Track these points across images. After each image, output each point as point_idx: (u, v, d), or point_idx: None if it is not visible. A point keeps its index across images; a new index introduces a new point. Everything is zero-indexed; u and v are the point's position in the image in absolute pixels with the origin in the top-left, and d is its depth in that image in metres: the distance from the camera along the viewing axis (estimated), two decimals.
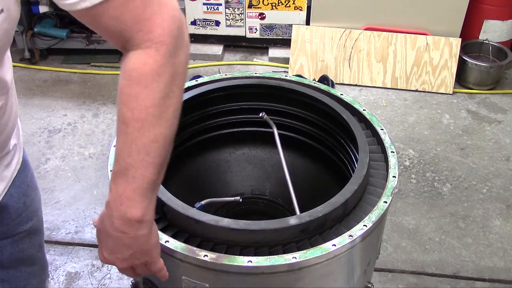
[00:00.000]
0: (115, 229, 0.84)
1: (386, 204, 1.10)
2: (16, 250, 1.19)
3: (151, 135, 0.80)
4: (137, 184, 0.81)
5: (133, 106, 0.79)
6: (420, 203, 2.53)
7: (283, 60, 3.54)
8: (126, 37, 0.80)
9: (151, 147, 0.81)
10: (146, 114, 0.79)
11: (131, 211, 0.82)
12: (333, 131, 1.38)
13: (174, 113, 0.83)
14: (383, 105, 3.20)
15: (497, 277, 2.18)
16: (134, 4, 0.77)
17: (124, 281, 2.14)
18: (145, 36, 0.79)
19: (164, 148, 0.83)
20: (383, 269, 2.19)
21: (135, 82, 0.79)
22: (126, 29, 0.79)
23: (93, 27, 0.82)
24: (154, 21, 0.79)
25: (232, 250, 1.01)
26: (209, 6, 3.48)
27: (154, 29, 0.79)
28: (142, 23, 0.79)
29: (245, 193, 1.53)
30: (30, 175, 1.22)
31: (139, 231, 0.85)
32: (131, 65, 0.80)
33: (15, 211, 1.14)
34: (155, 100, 0.79)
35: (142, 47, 0.79)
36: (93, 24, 0.81)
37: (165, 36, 0.79)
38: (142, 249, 0.88)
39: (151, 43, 0.79)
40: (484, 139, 2.95)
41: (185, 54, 0.84)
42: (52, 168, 2.71)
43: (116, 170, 0.83)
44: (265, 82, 1.43)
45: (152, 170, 0.82)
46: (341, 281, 1.11)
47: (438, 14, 3.27)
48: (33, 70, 3.48)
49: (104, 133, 2.96)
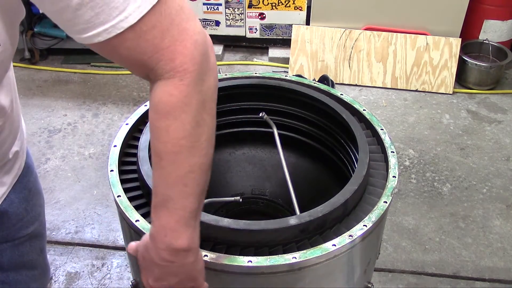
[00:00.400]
0: (161, 259, 0.84)
1: (386, 204, 1.10)
2: (16, 253, 1.18)
3: (186, 166, 0.79)
4: (179, 215, 0.81)
5: (165, 139, 0.78)
6: (420, 203, 2.53)
7: (283, 60, 3.54)
8: (148, 68, 0.77)
9: (188, 178, 0.80)
10: (179, 147, 0.78)
11: (176, 242, 0.82)
12: (333, 131, 1.38)
13: (208, 140, 0.81)
14: (383, 105, 3.20)
15: (497, 277, 2.18)
16: (153, 33, 0.73)
17: (124, 281, 2.14)
18: (166, 65, 0.75)
19: (201, 177, 0.81)
20: (383, 269, 2.19)
21: (164, 116, 0.77)
22: (146, 60, 0.75)
23: (114, 59, 0.78)
24: (175, 49, 0.75)
25: (232, 250, 1.01)
26: (209, 6, 3.48)
27: (175, 57, 0.75)
28: (162, 52, 0.74)
29: (245, 193, 1.53)
30: (33, 179, 1.20)
31: (186, 259, 0.85)
32: (157, 98, 0.77)
33: (15, 216, 1.13)
34: (186, 131, 0.77)
35: (165, 77, 0.76)
36: (112, 55, 0.77)
37: (187, 63, 0.75)
38: (189, 276, 0.88)
39: (174, 72, 0.75)
40: (484, 139, 2.95)
41: (213, 78, 0.80)
42: (52, 168, 2.72)
43: (156, 203, 0.82)
44: (265, 82, 1.43)
45: (192, 200, 0.81)
46: (341, 281, 1.11)
47: (438, 14, 3.27)
48: (33, 70, 3.48)
49: (104, 133, 2.96)
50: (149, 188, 1.08)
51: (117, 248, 2.29)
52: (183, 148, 0.78)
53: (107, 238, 2.33)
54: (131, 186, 1.16)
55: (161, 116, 0.77)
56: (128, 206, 1.08)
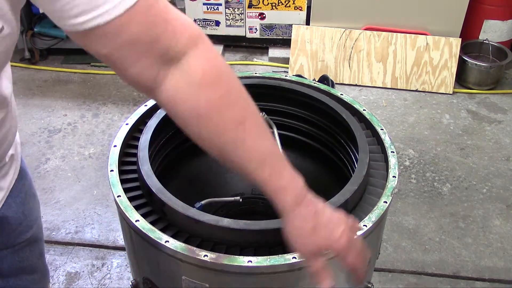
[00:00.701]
0: (309, 204, 0.84)
1: (386, 204, 1.10)
2: (16, 259, 1.18)
3: (260, 120, 0.80)
4: (282, 164, 0.83)
5: (240, 103, 0.77)
6: (420, 203, 2.53)
7: (283, 60, 3.53)
8: (163, 46, 0.70)
9: (265, 128, 0.81)
10: (252, 105, 0.78)
11: (300, 180, 0.85)
12: (333, 131, 1.38)
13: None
14: (383, 105, 3.20)
15: (497, 277, 2.18)
16: (158, 7, 0.70)
17: (124, 281, 2.14)
18: (183, 36, 0.72)
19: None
20: (383, 269, 2.19)
21: (220, 81, 0.75)
22: (159, 34, 0.70)
23: (113, 45, 0.69)
24: (181, 21, 0.72)
25: (232, 250, 1.01)
26: (209, 6, 3.48)
27: (187, 25, 0.72)
28: (172, 23, 0.71)
29: (245, 193, 1.53)
30: (28, 183, 1.18)
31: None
32: (198, 71, 0.72)
33: (14, 221, 1.12)
34: (241, 87, 0.79)
35: (190, 47, 0.72)
36: (114, 41, 0.68)
37: (198, 29, 0.74)
38: (331, 212, 0.87)
39: (194, 40, 0.72)
40: (484, 139, 2.95)
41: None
42: (52, 168, 2.72)
43: (268, 173, 0.82)
44: (265, 82, 1.43)
45: (273, 143, 0.83)
46: (341, 281, 1.11)
47: (438, 14, 3.27)
48: (33, 70, 3.48)
49: (104, 133, 2.96)
50: (149, 188, 1.08)
51: (117, 248, 2.29)
52: (253, 105, 0.79)
53: (107, 238, 2.33)
54: (131, 186, 1.16)
55: (219, 83, 0.75)
56: (128, 206, 1.08)
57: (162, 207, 1.07)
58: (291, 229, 0.86)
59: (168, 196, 1.06)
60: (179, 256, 0.99)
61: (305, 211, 0.84)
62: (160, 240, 1.00)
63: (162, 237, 1.00)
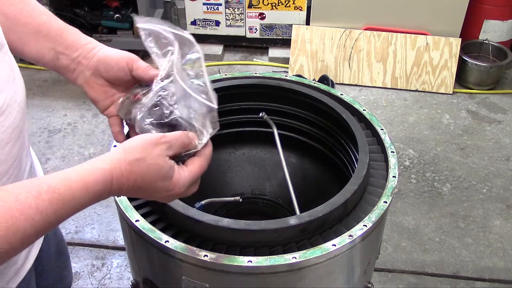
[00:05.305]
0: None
1: (386, 204, 1.10)
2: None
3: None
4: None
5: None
6: (420, 203, 2.53)
7: (283, 60, 3.54)
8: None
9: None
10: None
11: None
12: (333, 131, 1.38)
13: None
14: (383, 105, 3.20)
15: (497, 277, 2.18)
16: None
17: (124, 281, 2.14)
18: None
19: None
20: (383, 269, 2.19)
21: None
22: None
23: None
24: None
25: (232, 250, 1.01)
26: (209, 6, 3.48)
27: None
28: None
29: (245, 193, 1.53)
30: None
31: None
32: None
33: None
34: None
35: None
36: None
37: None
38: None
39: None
40: (484, 139, 2.95)
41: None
42: (52, 168, 2.71)
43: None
44: (265, 82, 1.43)
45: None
46: (341, 281, 1.11)
47: (438, 14, 3.27)
48: (33, 70, 3.48)
49: (104, 133, 2.96)
50: None
51: (117, 248, 2.29)
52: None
53: (107, 238, 2.33)
54: None
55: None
56: (128, 206, 1.08)
57: (162, 207, 1.07)
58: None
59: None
60: (179, 256, 0.99)
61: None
62: (160, 240, 1.00)
63: (162, 237, 1.00)
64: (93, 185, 0.71)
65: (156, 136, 0.79)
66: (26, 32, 0.87)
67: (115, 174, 0.73)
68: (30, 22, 0.87)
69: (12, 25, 0.87)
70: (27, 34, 0.87)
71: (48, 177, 0.69)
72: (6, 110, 0.77)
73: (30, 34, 0.88)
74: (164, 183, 0.79)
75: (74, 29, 0.92)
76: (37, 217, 0.64)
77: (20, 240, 0.63)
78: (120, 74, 0.89)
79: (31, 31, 0.87)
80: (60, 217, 0.68)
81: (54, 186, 0.67)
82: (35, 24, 0.88)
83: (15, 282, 0.91)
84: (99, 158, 0.75)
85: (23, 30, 0.87)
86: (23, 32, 0.87)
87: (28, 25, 0.87)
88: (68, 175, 0.70)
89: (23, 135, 0.85)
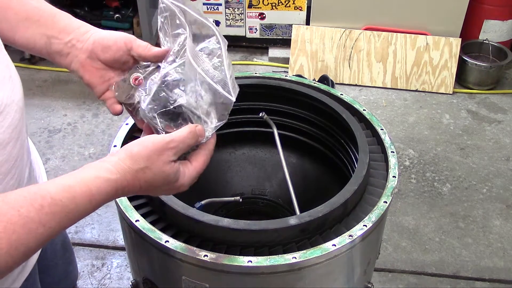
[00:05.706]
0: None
1: (386, 204, 1.10)
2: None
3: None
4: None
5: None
6: (420, 203, 2.53)
7: (283, 60, 3.53)
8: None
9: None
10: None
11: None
12: (333, 131, 1.38)
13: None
14: (383, 105, 3.20)
15: (497, 277, 2.18)
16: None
17: (124, 281, 2.14)
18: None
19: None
20: (383, 269, 2.19)
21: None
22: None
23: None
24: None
25: (232, 250, 1.01)
26: (209, 6, 3.48)
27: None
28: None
29: (245, 193, 1.53)
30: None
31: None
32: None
33: None
34: None
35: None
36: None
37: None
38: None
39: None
40: (484, 139, 2.95)
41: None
42: (52, 168, 2.71)
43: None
44: (265, 82, 1.43)
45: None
46: (341, 281, 1.11)
47: (438, 14, 3.27)
48: (33, 70, 3.47)
49: (104, 133, 2.96)
50: None
51: (117, 248, 2.29)
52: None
53: (107, 238, 2.33)
54: None
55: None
56: (128, 206, 1.08)
57: (162, 207, 1.07)
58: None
59: (168, 196, 1.06)
60: (179, 256, 0.99)
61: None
62: (160, 240, 1.00)
63: (162, 237, 1.00)
64: (97, 196, 0.71)
65: (163, 142, 0.77)
66: (17, 19, 0.86)
67: (120, 184, 0.73)
68: (21, 9, 0.86)
69: (3, 13, 0.86)
70: (18, 22, 0.86)
71: (51, 185, 0.67)
72: (5, 110, 0.76)
73: (21, 21, 0.86)
74: (169, 185, 0.80)
75: (65, 13, 0.90)
76: (40, 230, 0.64)
77: (23, 254, 0.63)
78: (118, 55, 0.86)
79: (22, 18, 0.86)
80: (64, 227, 0.68)
81: (57, 199, 0.66)
82: (26, 11, 0.86)
83: (19, 281, 0.91)
84: (104, 166, 0.73)
85: (14, 18, 0.86)
86: (14, 20, 0.86)
87: (19, 13, 0.86)
88: (72, 185, 0.68)
89: (23, 134, 0.84)
